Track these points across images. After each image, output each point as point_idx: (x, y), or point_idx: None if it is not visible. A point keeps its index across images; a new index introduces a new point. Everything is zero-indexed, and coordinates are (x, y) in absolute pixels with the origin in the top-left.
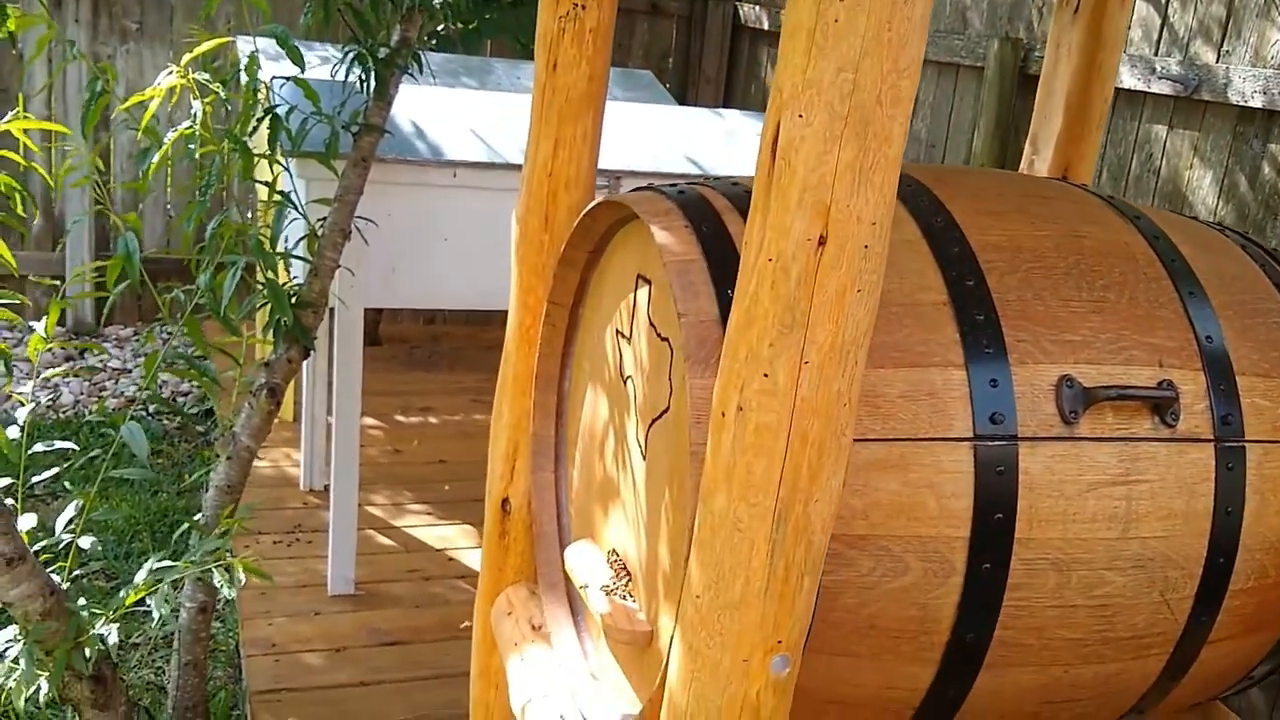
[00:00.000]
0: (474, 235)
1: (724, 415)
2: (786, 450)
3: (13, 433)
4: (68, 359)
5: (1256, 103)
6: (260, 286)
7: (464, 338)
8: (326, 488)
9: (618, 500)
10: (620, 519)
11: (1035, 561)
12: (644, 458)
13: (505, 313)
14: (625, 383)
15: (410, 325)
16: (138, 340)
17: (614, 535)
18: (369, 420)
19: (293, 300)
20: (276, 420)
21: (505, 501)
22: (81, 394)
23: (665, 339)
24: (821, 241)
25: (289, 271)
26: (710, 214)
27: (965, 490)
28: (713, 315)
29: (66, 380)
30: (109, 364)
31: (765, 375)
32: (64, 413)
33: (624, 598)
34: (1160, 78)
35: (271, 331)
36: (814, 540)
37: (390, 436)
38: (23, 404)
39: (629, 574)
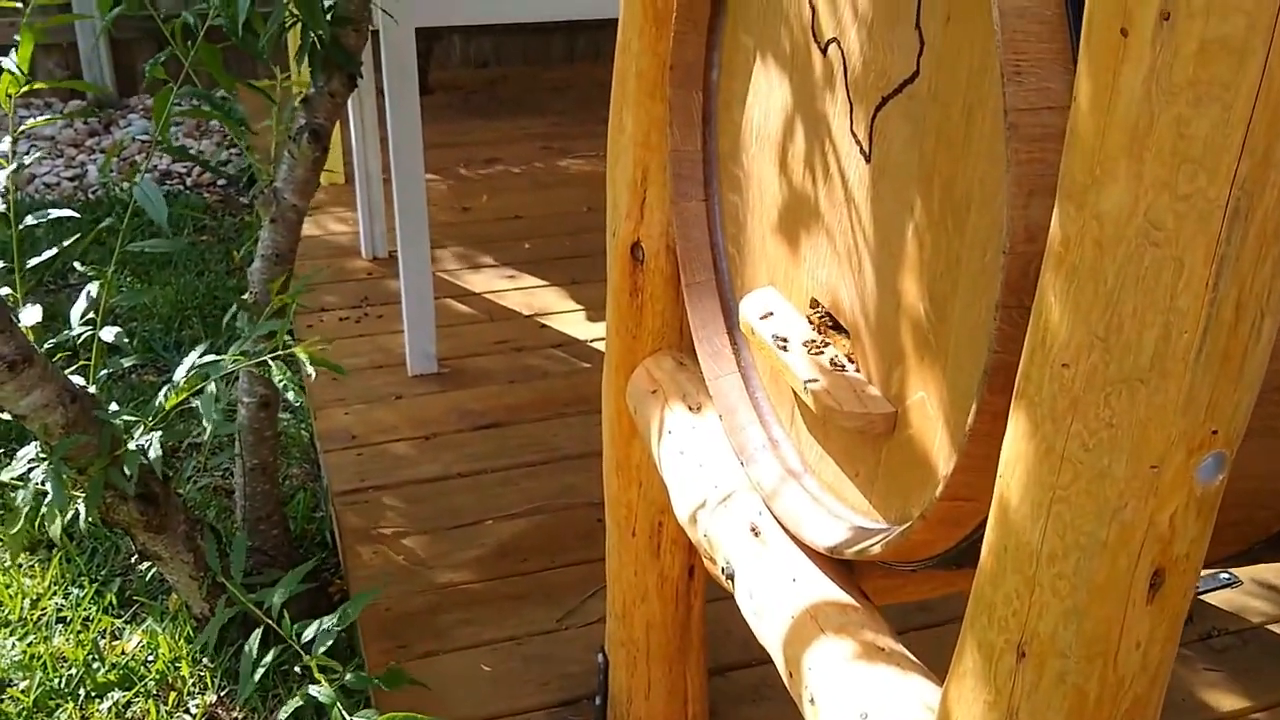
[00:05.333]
0: None
1: (1126, 33)
2: (1260, 86)
3: None
4: (91, 135)
5: None
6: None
7: (524, 80)
8: (392, 254)
9: (817, 226)
10: (822, 253)
11: None
12: (867, 156)
13: (570, 45)
14: (824, 50)
15: (462, 70)
16: None
17: (812, 279)
18: (430, 176)
19: (328, 16)
20: (328, 184)
21: (636, 247)
22: (112, 171)
23: None
24: None
25: None
26: None
27: None
28: None
29: (93, 156)
30: (137, 137)
31: None
32: (92, 193)
33: (842, 366)
34: None
35: (306, 58)
36: None
37: (456, 193)
38: (2, 166)
39: (843, 331)
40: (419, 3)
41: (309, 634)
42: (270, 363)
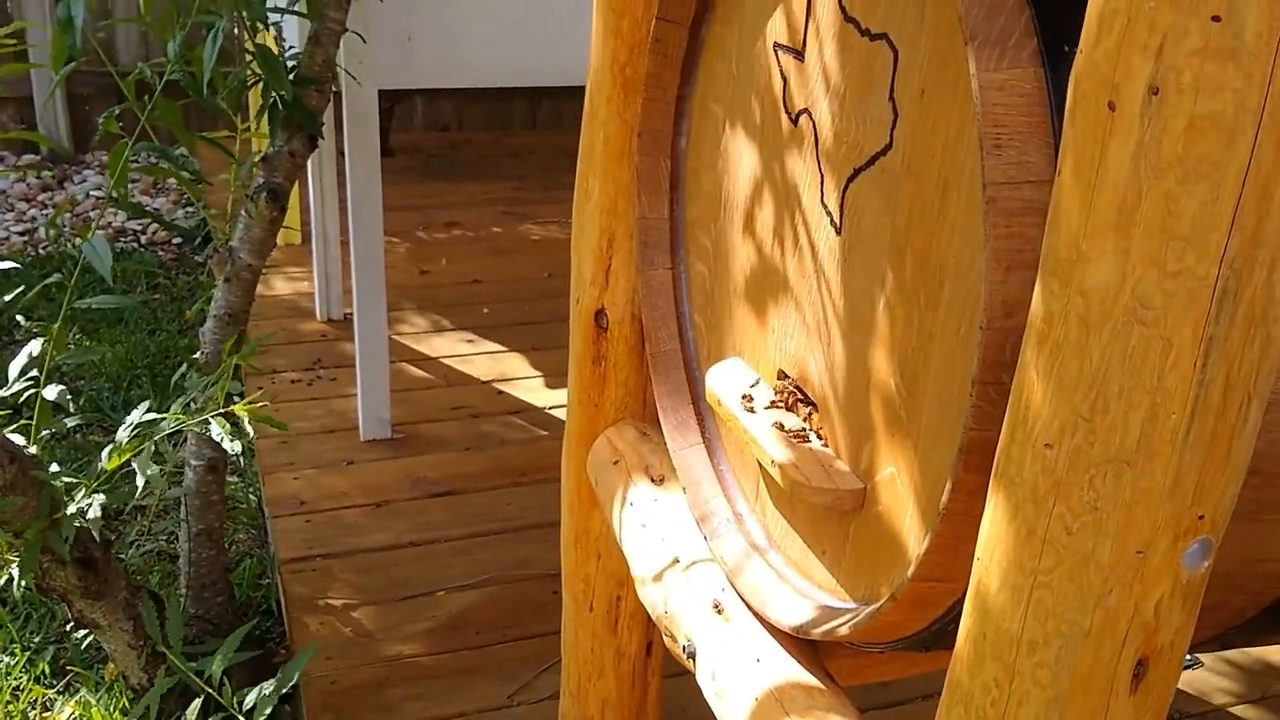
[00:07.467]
0: None
1: (1113, 107)
2: (1250, 165)
3: None
4: (45, 190)
5: None
6: (249, 56)
7: (485, 144)
8: (347, 316)
9: (785, 297)
10: (791, 325)
11: None
12: (838, 228)
13: (532, 111)
14: (795, 120)
15: (423, 134)
16: None
17: (779, 350)
18: (388, 238)
19: (291, 76)
20: (285, 243)
21: (600, 314)
22: (64, 227)
23: (880, 36)
24: None
25: (282, 43)
26: None
27: None
28: None
29: (45, 211)
30: (91, 192)
31: (1215, 19)
32: (43, 248)
33: (809, 439)
34: None
35: (267, 117)
36: (1273, 335)
37: (414, 255)
38: None
39: (811, 404)
40: (382, 65)
41: (250, 700)
42: (212, 421)
